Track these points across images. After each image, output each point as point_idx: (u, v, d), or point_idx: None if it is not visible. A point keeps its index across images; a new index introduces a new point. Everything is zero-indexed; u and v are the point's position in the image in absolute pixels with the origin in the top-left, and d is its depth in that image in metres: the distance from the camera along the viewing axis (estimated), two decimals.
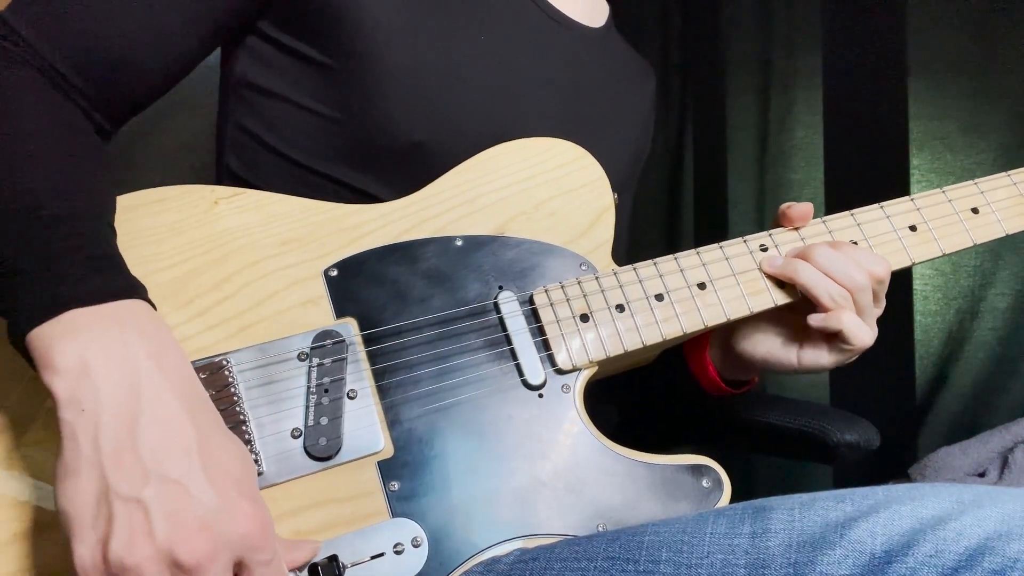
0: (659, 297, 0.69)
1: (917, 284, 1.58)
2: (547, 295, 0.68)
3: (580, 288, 0.69)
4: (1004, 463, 1.30)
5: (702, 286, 0.70)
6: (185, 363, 0.53)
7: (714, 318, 0.70)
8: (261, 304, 0.63)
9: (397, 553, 0.59)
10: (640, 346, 0.68)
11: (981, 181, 0.77)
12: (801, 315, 0.71)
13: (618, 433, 0.69)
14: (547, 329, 0.67)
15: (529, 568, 0.58)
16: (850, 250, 0.70)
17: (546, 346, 0.67)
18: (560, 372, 0.66)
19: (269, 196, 0.67)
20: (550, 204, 0.72)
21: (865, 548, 0.50)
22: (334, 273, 0.66)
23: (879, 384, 1.55)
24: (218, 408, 0.58)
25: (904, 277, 1.55)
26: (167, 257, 0.63)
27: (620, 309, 0.69)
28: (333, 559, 0.57)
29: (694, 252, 0.72)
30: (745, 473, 1.65)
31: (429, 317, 0.66)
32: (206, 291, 0.63)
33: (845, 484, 0.59)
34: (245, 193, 0.67)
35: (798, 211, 0.73)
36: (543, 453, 0.64)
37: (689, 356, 0.82)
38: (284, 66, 0.72)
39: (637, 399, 0.97)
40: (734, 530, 0.55)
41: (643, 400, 0.98)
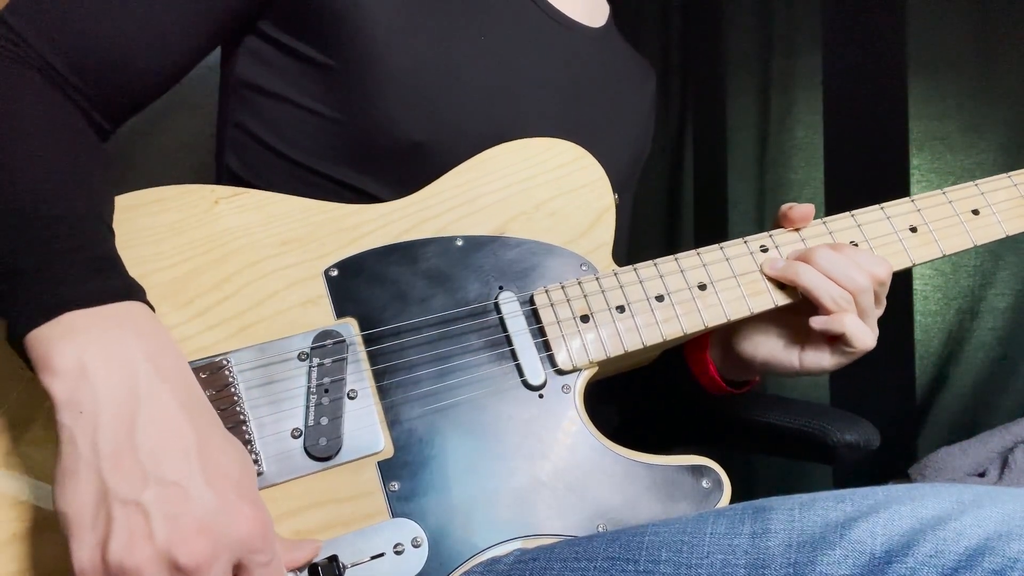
0: (659, 298, 0.69)
1: (917, 284, 1.58)
2: (547, 295, 0.68)
3: (580, 288, 0.69)
4: (1004, 463, 1.30)
5: (702, 287, 0.70)
6: (183, 365, 0.53)
7: (714, 319, 0.70)
8: (261, 304, 0.63)
9: (397, 553, 0.59)
10: (640, 346, 0.68)
11: (982, 182, 0.77)
12: (802, 316, 0.71)
13: (618, 433, 0.69)
14: (547, 330, 0.67)
15: (529, 568, 0.58)
16: (851, 252, 0.70)
17: (546, 346, 0.67)
18: (560, 372, 0.66)
19: (269, 196, 0.67)
20: (550, 204, 0.72)
21: (865, 548, 0.50)
22: (334, 273, 0.66)
23: (879, 384, 1.55)
24: (218, 408, 0.58)
25: (904, 277, 1.55)
26: (167, 257, 0.63)
27: (620, 310, 0.69)
28: (333, 559, 0.57)
29: (694, 253, 0.72)
30: (745, 473, 1.65)
31: (429, 317, 0.66)
32: (206, 291, 0.63)
33: (845, 484, 0.59)
34: (245, 193, 0.67)
35: (799, 212, 0.73)
36: (543, 453, 0.64)
37: (690, 356, 0.82)
38: (284, 66, 0.72)
39: (637, 399, 0.97)
40: (734, 530, 0.55)
41: (643, 400, 0.98)
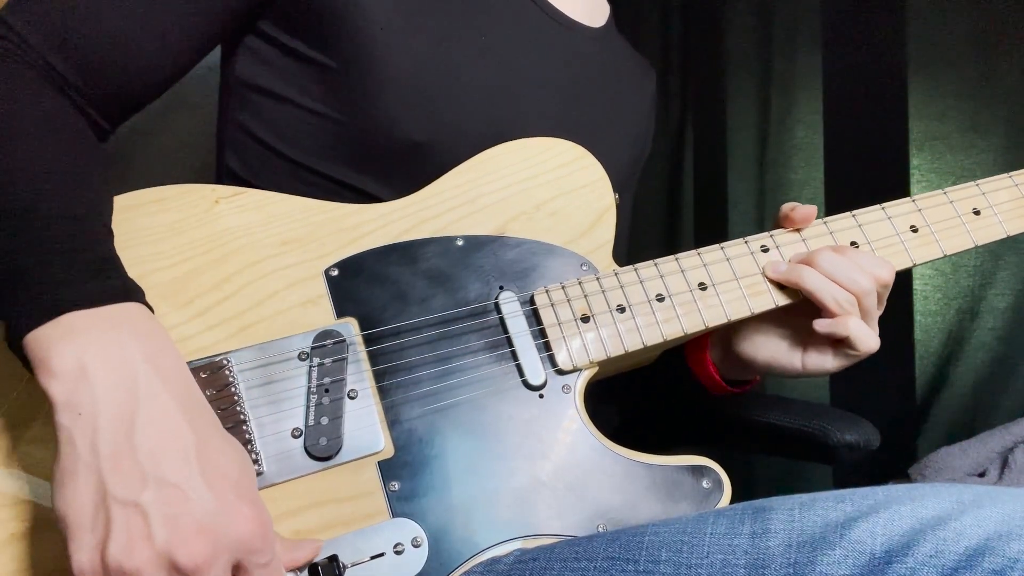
0: (660, 298, 0.69)
1: (917, 284, 1.58)
2: (548, 295, 0.68)
3: (581, 288, 0.69)
4: (1004, 463, 1.30)
5: (703, 287, 0.70)
6: (182, 366, 0.53)
7: (715, 319, 0.70)
8: (261, 304, 0.63)
9: (397, 553, 0.59)
10: (641, 347, 0.68)
11: (983, 182, 0.77)
12: (803, 317, 0.71)
13: (618, 433, 0.69)
14: (548, 330, 0.67)
15: (529, 568, 0.58)
16: (854, 254, 0.70)
17: (547, 346, 0.66)
18: (561, 372, 0.66)
19: (269, 196, 0.67)
20: (551, 204, 0.72)
21: (865, 548, 0.50)
22: (334, 273, 0.66)
23: (879, 384, 1.55)
24: (218, 408, 0.59)
25: (904, 277, 1.54)
26: (167, 257, 0.63)
27: (621, 310, 0.69)
28: (333, 559, 0.57)
29: (695, 253, 0.72)
30: (745, 473, 1.65)
31: (430, 317, 0.66)
32: (206, 291, 0.63)
33: (845, 484, 0.59)
34: (245, 193, 0.67)
35: (801, 213, 0.72)
36: (543, 453, 0.64)
37: (690, 356, 0.82)
38: (284, 66, 0.72)
39: (637, 399, 0.97)
40: (734, 530, 0.55)
41: (643, 400, 0.98)
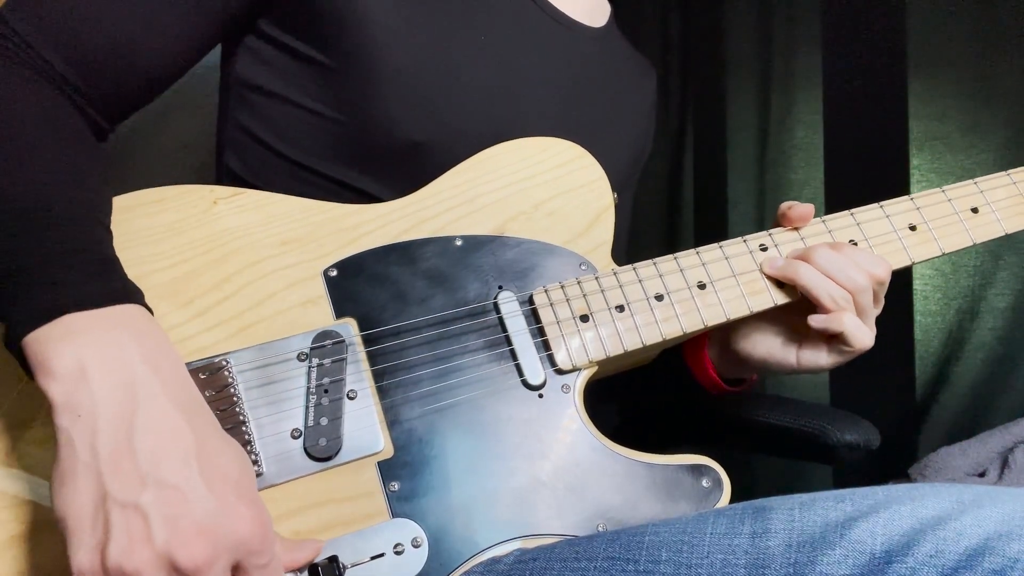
0: (659, 297, 0.69)
1: (917, 284, 1.57)
2: (547, 295, 0.68)
3: (580, 288, 0.69)
4: (1004, 463, 1.30)
5: (702, 286, 0.70)
6: (181, 367, 0.53)
7: (714, 318, 0.70)
8: (261, 304, 0.63)
9: (397, 553, 0.59)
10: (640, 346, 0.68)
11: (981, 180, 0.77)
12: (800, 315, 0.71)
13: (618, 433, 0.68)
14: (547, 329, 0.67)
15: (529, 568, 0.58)
16: (850, 251, 0.70)
17: (546, 346, 0.67)
18: (560, 372, 0.66)
19: (269, 196, 0.67)
20: (550, 204, 0.72)
21: (865, 548, 0.50)
22: (334, 273, 0.66)
23: (879, 384, 1.55)
24: (218, 408, 0.59)
25: (904, 277, 1.55)
26: (166, 257, 0.63)
27: (620, 309, 0.69)
28: (333, 560, 0.57)
29: (694, 252, 0.72)
30: (745, 473, 1.65)
31: (429, 317, 0.66)
32: (206, 291, 0.63)
33: (845, 484, 0.59)
34: (244, 193, 0.67)
35: (799, 212, 0.73)
36: (543, 453, 0.64)
37: (688, 356, 0.82)
38: (284, 66, 0.72)
39: (637, 399, 0.97)
40: (734, 530, 0.54)
41: (643, 400, 0.97)
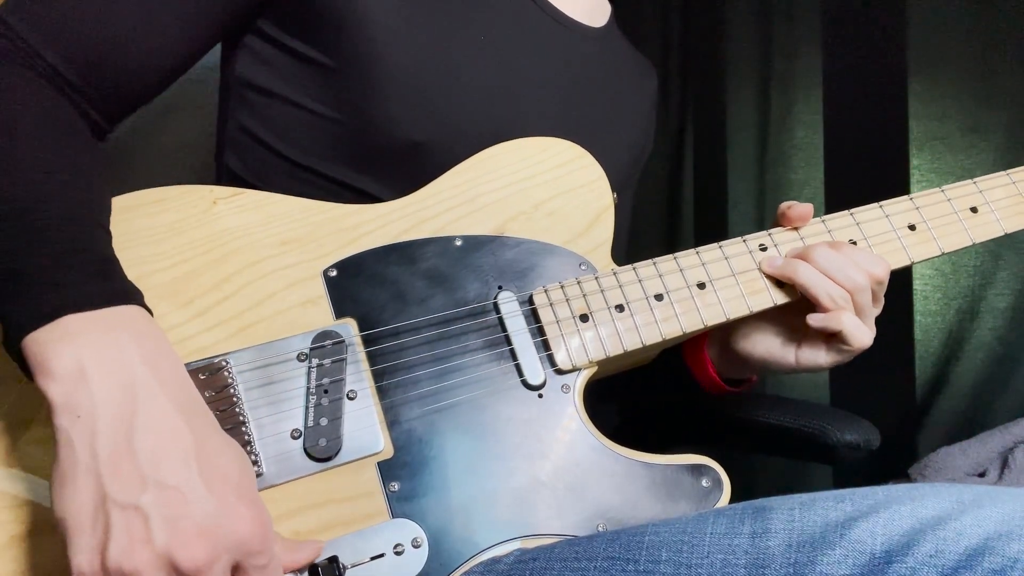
0: (659, 297, 0.69)
1: (917, 284, 1.57)
2: (547, 295, 0.68)
3: (580, 288, 0.69)
4: (1004, 463, 1.30)
5: (701, 286, 0.70)
6: (180, 368, 0.53)
7: (713, 318, 0.70)
8: (261, 304, 0.63)
9: (397, 554, 0.59)
10: (640, 346, 0.68)
11: (980, 180, 0.77)
12: (800, 315, 0.71)
13: (618, 433, 0.68)
14: (547, 329, 0.67)
15: (529, 568, 0.58)
16: (849, 251, 0.70)
17: (546, 346, 0.66)
18: (560, 372, 0.66)
19: (268, 196, 0.67)
20: (549, 204, 0.72)
21: (865, 548, 0.50)
22: (333, 273, 0.66)
23: (879, 384, 1.55)
24: (217, 409, 0.59)
25: (904, 277, 1.55)
26: (166, 257, 0.63)
27: (620, 309, 0.69)
28: (333, 560, 0.57)
29: (693, 252, 0.72)
30: (745, 473, 1.65)
31: (429, 318, 0.66)
32: (206, 291, 0.63)
33: (845, 484, 0.59)
34: (244, 193, 0.67)
35: (798, 211, 0.73)
36: (543, 453, 0.64)
37: (688, 356, 0.82)
38: (284, 66, 0.72)
39: (637, 399, 0.97)
40: (734, 530, 0.54)
41: (643, 400, 0.97)
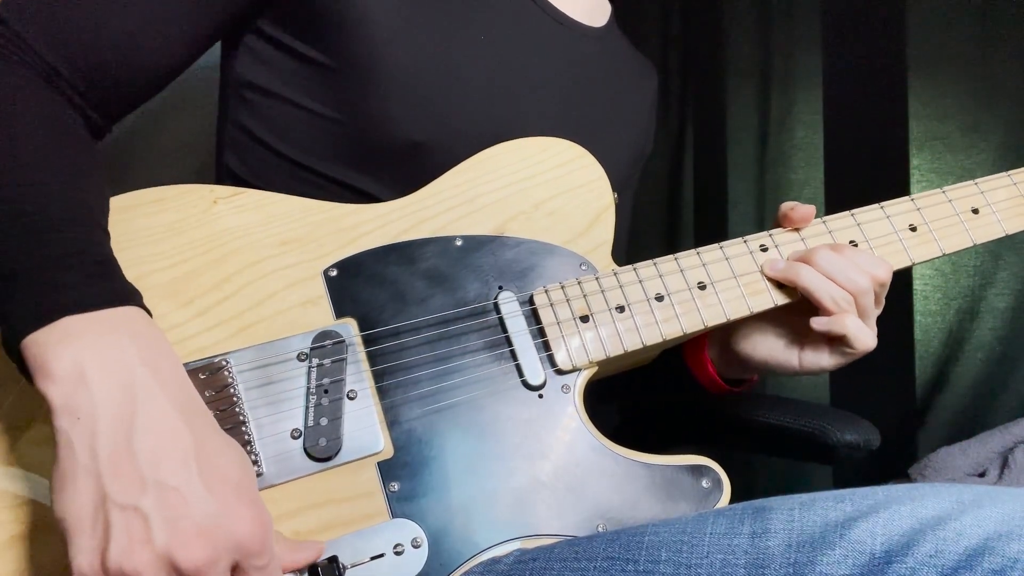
0: (659, 297, 0.69)
1: (917, 284, 1.57)
2: (547, 295, 0.68)
3: (580, 288, 0.68)
4: (1004, 463, 1.30)
5: (702, 286, 0.70)
6: (180, 369, 0.53)
7: (714, 318, 0.70)
8: (261, 304, 0.63)
9: (397, 554, 0.59)
10: (640, 346, 0.68)
11: (981, 181, 0.77)
12: (801, 315, 0.71)
13: (618, 433, 0.68)
14: (547, 330, 0.66)
15: (529, 568, 0.58)
16: (851, 253, 0.70)
17: (546, 346, 0.66)
18: (560, 372, 0.66)
19: (268, 196, 0.67)
20: (550, 204, 0.72)
21: (865, 548, 0.50)
22: (333, 273, 0.66)
23: (879, 384, 1.55)
24: (217, 409, 0.59)
25: (904, 277, 1.55)
26: (166, 257, 0.63)
27: (620, 309, 0.69)
28: (333, 560, 0.57)
29: (694, 252, 0.71)
30: (745, 473, 1.65)
31: (429, 318, 0.66)
32: (206, 291, 0.63)
33: (845, 484, 0.59)
34: (244, 193, 0.67)
35: (800, 213, 0.72)
36: (543, 453, 0.64)
37: (688, 356, 0.82)
38: (284, 66, 0.72)
39: (637, 399, 0.97)
40: (734, 530, 0.54)
41: (643, 400, 0.97)
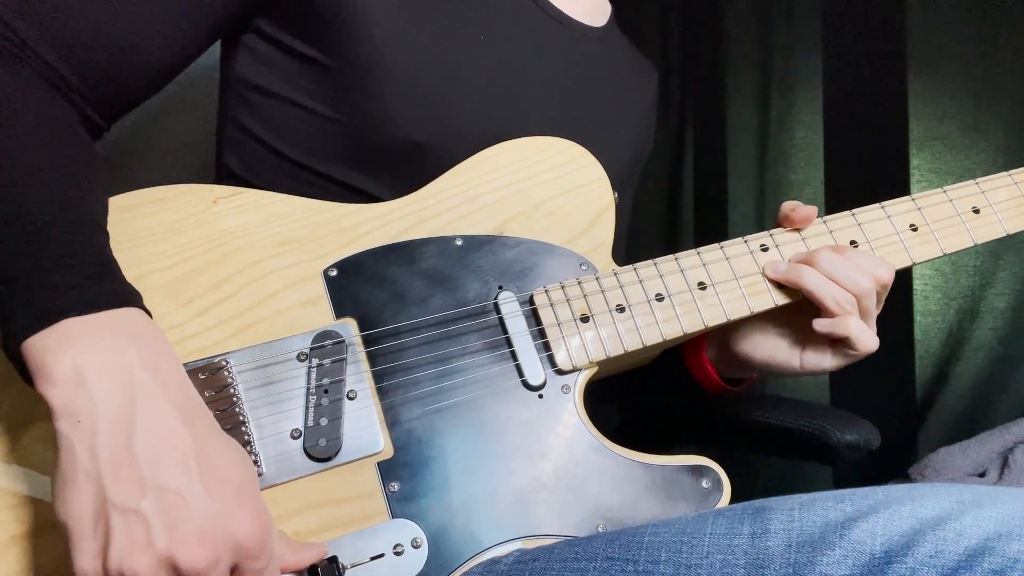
0: (659, 297, 0.69)
1: (917, 284, 1.58)
2: (547, 295, 0.68)
3: (580, 288, 0.68)
4: (1004, 463, 1.30)
5: (702, 286, 0.70)
6: (180, 370, 0.53)
7: (714, 318, 0.70)
8: (261, 304, 0.63)
9: (397, 554, 0.59)
10: (640, 346, 0.68)
11: (982, 181, 0.77)
12: (801, 316, 0.71)
13: (618, 433, 0.69)
14: (547, 330, 0.66)
15: (529, 568, 0.58)
16: (853, 254, 0.70)
17: (546, 347, 0.66)
18: (560, 372, 0.66)
19: (268, 196, 0.67)
20: (550, 204, 0.72)
21: (865, 548, 0.50)
22: (333, 273, 0.65)
23: (879, 384, 1.55)
24: (217, 409, 0.59)
25: (904, 277, 1.55)
26: (166, 257, 0.63)
27: (620, 309, 0.68)
28: (333, 560, 0.57)
29: (694, 252, 0.71)
30: (745, 473, 1.65)
31: (429, 318, 0.66)
32: (206, 291, 0.63)
33: (845, 484, 0.59)
34: (244, 193, 0.67)
35: (802, 214, 0.72)
36: (543, 453, 0.64)
37: (687, 355, 0.82)
38: (283, 66, 0.72)
39: (637, 399, 0.97)
40: (734, 530, 0.54)
41: (643, 400, 0.97)
